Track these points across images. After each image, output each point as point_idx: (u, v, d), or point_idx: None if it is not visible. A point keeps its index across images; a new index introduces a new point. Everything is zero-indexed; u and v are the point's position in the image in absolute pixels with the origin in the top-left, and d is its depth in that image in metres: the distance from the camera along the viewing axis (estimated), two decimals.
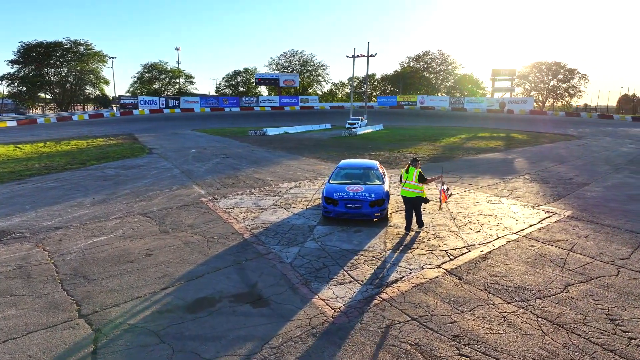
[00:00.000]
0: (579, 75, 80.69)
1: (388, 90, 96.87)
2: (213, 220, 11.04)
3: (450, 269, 7.79)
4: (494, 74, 78.27)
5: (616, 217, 11.33)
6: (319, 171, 19.09)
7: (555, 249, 8.82)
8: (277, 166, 20.82)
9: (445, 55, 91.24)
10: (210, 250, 8.75)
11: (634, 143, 33.52)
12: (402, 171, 9.90)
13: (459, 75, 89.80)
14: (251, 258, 8.31)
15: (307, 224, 10.68)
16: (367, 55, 58.30)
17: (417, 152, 26.53)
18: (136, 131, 43.14)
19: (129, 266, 7.92)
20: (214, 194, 14.19)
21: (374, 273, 7.59)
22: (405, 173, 9.78)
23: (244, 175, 18.03)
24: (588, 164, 21.70)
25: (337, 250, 8.73)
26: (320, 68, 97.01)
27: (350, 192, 10.67)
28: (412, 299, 6.61)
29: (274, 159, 23.67)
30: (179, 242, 9.27)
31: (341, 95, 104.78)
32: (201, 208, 12.40)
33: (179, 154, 25.16)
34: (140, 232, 10.08)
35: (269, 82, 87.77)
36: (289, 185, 15.80)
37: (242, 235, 9.80)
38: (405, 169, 9.82)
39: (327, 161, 22.31)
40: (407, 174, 9.71)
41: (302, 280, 7.26)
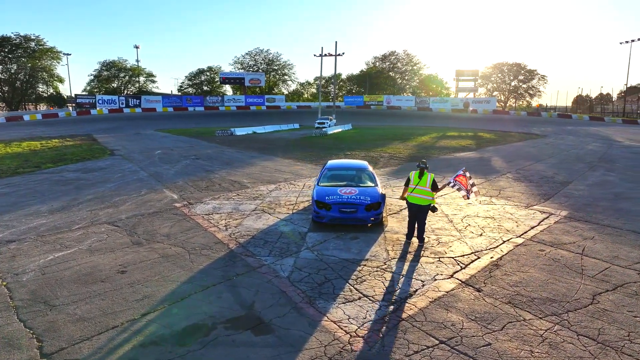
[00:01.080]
0: (538, 76, 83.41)
1: (354, 90, 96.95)
2: (191, 229, 9.96)
3: (464, 279, 7.10)
4: (458, 74, 79.58)
5: (612, 216, 11.04)
6: (296, 172, 18.19)
7: (566, 252, 8.31)
8: (251, 167, 19.77)
9: (410, 55, 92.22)
10: (194, 265, 7.71)
11: (597, 141, 34.39)
12: (413, 175, 8.82)
13: (424, 76, 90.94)
14: (242, 273, 7.34)
15: (297, 230, 9.78)
16: (335, 54, 57.85)
17: (392, 152, 26.09)
18: (95, 132, 40.76)
19: (99, 287, 6.78)
20: (188, 199, 13.04)
21: (383, 287, 6.80)
22: (417, 178, 8.73)
23: (217, 177, 16.90)
24: (563, 162, 21.81)
25: (337, 261, 7.88)
26: (287, 67, 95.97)
27: (343, 195, 9.85)
28: (433, 316, 5.86)
29: (247, 159, 22.58)
30: (155, 256, 8.17)
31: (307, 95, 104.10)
32: (176, 215, 11.26)
33: (144, 156, 23.62)
34: (109, 244, 8.88)
35: (234, 81, 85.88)
36: (269, 187, 14.83)
37: (227, 245, 8.80)
38: (419, 173, 8.74)
39: (303, 162, 21.44)
40: (419, 179, 8.69)
41: (305, 298, 6.37)
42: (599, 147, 30.28)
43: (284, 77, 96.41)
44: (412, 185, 8.71)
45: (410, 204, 8.78)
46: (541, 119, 65.67)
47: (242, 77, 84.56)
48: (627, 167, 20.17)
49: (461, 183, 8.96)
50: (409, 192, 8.75)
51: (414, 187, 8.69)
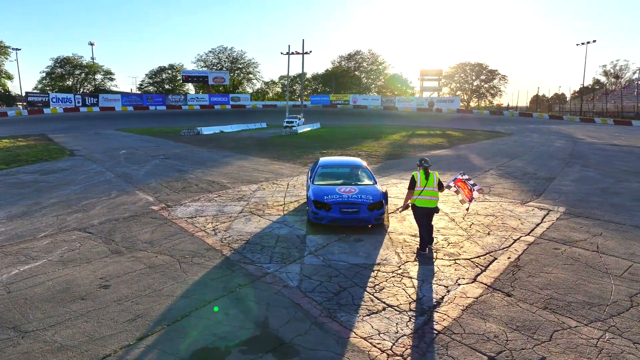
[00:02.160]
0: (499, 76, 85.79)
1: (319, 90, 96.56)
2: (176, 234, 8.99)
3: (489, 282, 6.57)
4: (422, 74, 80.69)
5: (610, 212, 10.89)
6: (276, 172, 17.36)
7: (582, 250, 7.96)
8: (227, 167, 18.77)
9: (375, 55, 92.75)
10: (187, 275, 6.80)
11: (561, 139, 35.27)
12: (418, 175, 7.88)
13: (389, 75, 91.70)
14: (245, 283, 6.51)
15: (295, 233, 9.01)
16: (303, 52, 57.24)
17: (369, 150, 25.69)
18: (50, 131, 38.26)
19: (80, 306, 5.79)
20: (166, 201, 11.99)
21: (406, 294, 6.15)
22: (423, 178, 7.83)
23: (193, 177, 15.83)
24: (538, 159, 22.00)
25: (347, 266, 7.18)
26: (251, 66, 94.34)
27: (343, 194, 9.16)
28: (471, 327, 5.26)
29: (221, 159, 21.52)
30: (141, 266, 7.20)
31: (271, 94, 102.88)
32: (155, 218, 10.23)
33: (108, 156, 22.10)
34: (84, 254, 7.81)
35: (197, 80, 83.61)
36: (251, 187, 13.95)
37: (220, 251, 7.92)
38: (424, 173, 7.86)
39: (280, 161, 20.62)
40: (426, 179, 7.82)
41: (324, 312, 5.63)
42: (565, 144, 30.99)
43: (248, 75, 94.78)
44: (420, 187, 7.83)
45: (419, 207, 7.86)
46: (503, 117, 67.39)
47: (206, 76, 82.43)
48: (599, 163, 20.52)
49: (460, 188, 8.44)
50: (417, 195, 7.85)
51: (421, 189, 7.83)
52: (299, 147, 26.73)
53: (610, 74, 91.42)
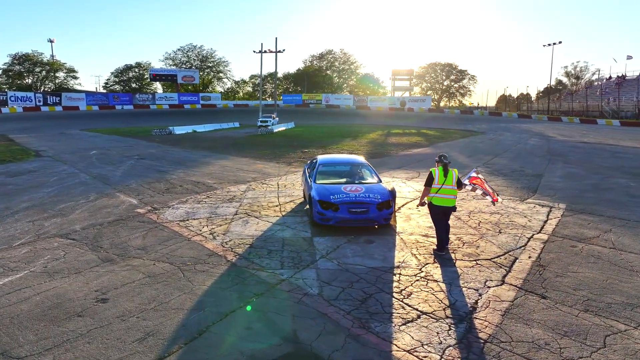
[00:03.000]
0: (468, 76, 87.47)
1: (291, 89, 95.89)
2: (170, 239, 8.29)
3: (519, 284, 6.24)
4: (394, 74, 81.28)
5: (610, 207, 10.86)
6: (262, 171, 16.73)
7: (600, 248, 7.78)
8: (208, 167, 17.99)
9: (347, 54, 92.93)
10: (194, 285, 6.16)
11: (534, 137, 35.94)
12: (436, 171, 7.50)
13: (361, 75, 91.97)
14: (261, 292, 5.93)
15: (300, 235, 8.47)
16: (276, 50, 56.57)
17: (349, 149, 25.37)
18: (9, 131, 36.13)
19: (78, 324, 5.07)
20: (151, 203, 11.20)
21: (437, 300, 5.73)
22: (442, 175, 7.44)
23: (175, 178, 15.01)
24: (520, 156, 22.18)
25: (365, 270, 6.71)
26: (222, 64, 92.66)
27: (350, 193, 8.68)
28: (517, 334, 4.88)
29: (200, 159, 20.68)
30: (139, 275, 6.50)
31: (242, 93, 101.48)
32: (143, 222, 9.47)
33: (78, 157, 20.86)
34: (71, 263, 7.03)
35: (165, 78, 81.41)
36: (240, 188, 13.29)
37: (224, 257, 7.29)
38: (443, 171, 7.48)
39: (263, 160, 19.99)
40: (444, 177, 7.43)
41: (355, 322, 5.13)
42: (539, 142, 31.56)
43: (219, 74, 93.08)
44: (437, 184, 7.45)
45: (436, 206, 7.49)
46: (474, 117, 68.62)
47: (175, 74, 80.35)
48: (579, 160, 20.85)
49: (478, 184, 8.11)
50: (434, 193, 7.47)
51: (439, 186, 7.44)
52: (278, 147, 26.13)
53: (571, 74, 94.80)
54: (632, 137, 35.08)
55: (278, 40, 73.01)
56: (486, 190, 8.04)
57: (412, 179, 14.83)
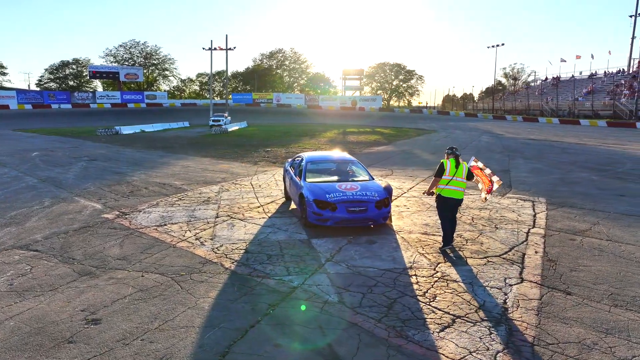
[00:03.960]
0: (416, 76, 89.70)
1: (240, 88, 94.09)
2: (152, 246, 7.47)
3: (538, 281, 6.08)
4: (345, 73, 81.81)
5: (586, 200, 11.16)
6: (228, 171, 15.96)
7: (597, 240, 7.85)
8: (170, 167, 16.94)
9: (297, 53, 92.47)
10: (197, 298, 5.47)
11: (484, 135, 37.21)
12: (447, 163, 7.29)
13: (311, 74, 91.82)
14: (276, 302, 5.35)
15: (295, 238, 7.92)
16: (226, 48, 55.32)
17: (312, 147, 24.96)
18: None
19: (72, 352, 4.27)
20: (118, 208, 10.21)
21: (465, 302, 5.42)
22: (453, 167, 7.25)
23: (137, 180, 13.93)
24: (480, 153, 22.72)
25: (379, 273, 6.30)
26: (167, 62, 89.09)
27: (347, 192, 8.24)
28: (561, 335, 4.66)
29: (158, 159, 19.50)
30: (129, 290, 5.70)
31: (189, 92, 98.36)
32: (115, 229, 8.54)
33: (19, 159, 19.01)
34: (41, 279, 6.09)
35: (106, 76, 77.10)
36: (212, 189, 12.50)
37: (220, 264, 6.62)
38: (455, 162, 7.29)
39: (227, 160, 19.17)
40: (455, 169, 7.24)
41: (391, 331, 4.70)
42: (492, 139, 32.68)
43: (164, 72, 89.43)
44: (448, 176, 7.23)
45: (445, 198, 7.27)
46: (423, 115, 70.42)
47: (117, 72, 76.33)
48: (536, 156, 21.67)
49: (478, 176, 7.93)
50: (444, 185, 7.25)
51: (450, 178, 7.22)
52: (238, 146, 25.28)
53: (509, 75, 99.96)
54: (572, 134, 37.22)
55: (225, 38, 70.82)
56: (483, 181, 7.84)
57: (387, 176, 14.63)
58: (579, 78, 65.65)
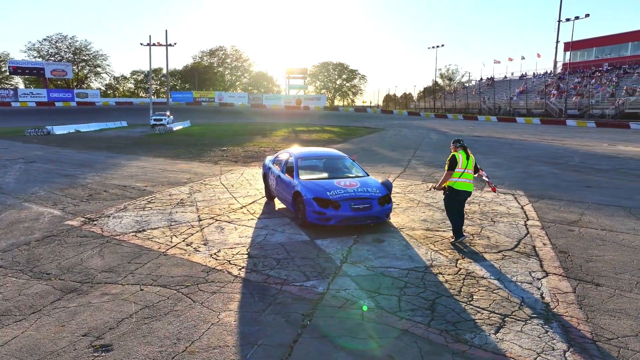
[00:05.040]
0: (359, 75, 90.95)
1: (178, 86, 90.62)
2: (139, 255, 6.62)
3: (562, 273, 6.01)
4: (288, 72, 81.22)
5: (559, 192, 11.50)
6: (190, 171, 15.00)
7: (593, 230, 8.01)
8: (124, 168, 15.64)
9: (239, 51, 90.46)
10: (217, 312, 4.80)
11: (432, 132, 38.24)
12: (459, 156, 7.08)
13: (254, 73, 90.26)
14: (309, 312, 4.80)
15: (296, 239, 7.38)
16: (166, 44, 53.03)
17: (268, 146, 24.32)
18: None
19: None
20: (81, 213, 9.10)
21: (504, 299, 5.19)
22: (465, 159, 7.06)
23: (92, 182, 12.65)
24: (436, 150, 23.15)
25: (402, 273, 5.94)
26: (99, 58, 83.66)
27: (347, 188, 7.81)
28: (616, 329, 4.53)
29: (106, 160, 17.99)
30: (133, 307, 4.90)
31: (123, 90, 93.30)
32: (86, 237, 7.53)
33: None
34: (16, 299, 5.11)
35: (29, 72, 71.15)
36: (181, 190, 11.59)
37: (227, 272, 5.95)
38: (466, 155, 7.11)
39: (183, 160, 18.12)
40: (467, 160, 7.07)
41: (447, 336, 4.34)
42: (440, 136, 33.62)
43: (96, 69, 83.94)
44: (461, 168, 7.05)
45: (457, 191, 7.11)
46: (368, 114, 71.37)
47: (41, 67, 70.62)
48: (489, 151, 22.42)
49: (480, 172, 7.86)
50: (457, 178, 7.07)
51: (462, 170, 7.05)
52: (189, 146, 24.05)
53: (444, 76, 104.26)
54: (512, 131, 39.20)
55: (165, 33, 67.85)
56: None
57: None
58: (510, 79, 69.69)
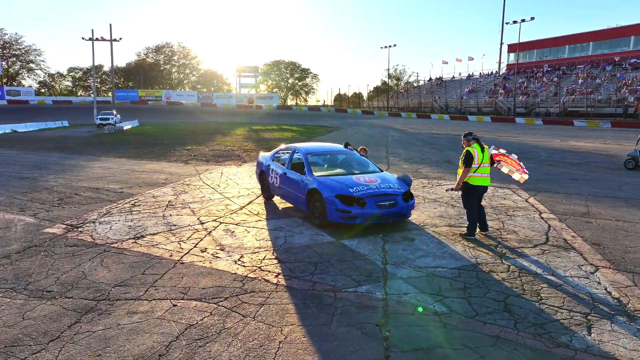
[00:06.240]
0: (311, 74, 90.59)
1: (121, 84, 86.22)
2: (149, 265, 5.79)
3: (608, 265, 5.89)
4: (239, 70, 79.51)
5: (553, 185, 11.68)
6: (163, 171, 14.00)
7: (611, 222, 8.05)
8: (87, 170, 14.31)
9: (186, 48, 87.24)
10: (278, 328, 4.16)
11: (389, 130, 38.67)
12: (474, 150, 6.82)
13: (203, 71, 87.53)
14: (381, 322, 4.28)
15: (322, 240, 6.81)
16: (111, 39, 50.10)
17: (232, 146, 23.47)
18: None
19: None
20: (59, 220, 8.03)
21: (571, 295, 4.94)
22: (480, 153, 6.82)
23: (57, 185, 11.38)
24: (405, 147, 23.35)
25: (453, 272, 5.58)
26: (32, 53, 77.66)
27: (370, 184, 7.32)
28: None
29: (63, 162, 16.44)
30: (175, 327, 4.15)
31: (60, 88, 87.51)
32: (77, 246, 6.56)
33: None
34: (19, 324, 4.20)
35: None
36: (164, 191, 10.67)
37: (264, 280, 5.29)
38: (480, 148, 6.87)
39: (148, 160, 17.01)
40: (482, 154, 6.84)
41: (543, 340, 3.98)
42: (400, 134, 33.97)
43: (29, 65, 77.85)
44: (477, 163, 6.81)
45: (474, 187, 6.89)
46: (322, 113, 71.24)
47: None
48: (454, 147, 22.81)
49: (505, 162, 7.66)
50: (473, 173, 6.84)
51: (478, 165, 6.82)
52: (148, 146, 22.67)
53: (392, 76, 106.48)
54: (468, 129, 40.37)
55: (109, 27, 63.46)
56: (513, 166, 7.58)
57: None
58: (458, 79, 72.20)
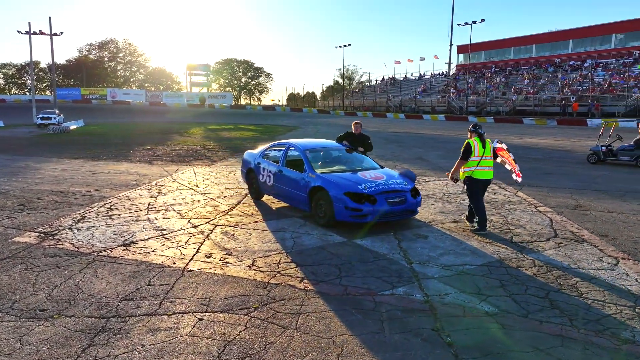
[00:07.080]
0: (265, 73, 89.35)
1: (61, 82, 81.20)
2: (152, 274, 5.17)
3: (626, 257, 5.91)
4: (189, 68, 77.14)
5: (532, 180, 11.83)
6: (129, 172, 13.12)
7: (605, 214, 8.19)
8: (43, 172, 13.11)
9: (132, 45, 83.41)
10: (327, 339, 3.74)
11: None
12: (474, 143, 6.79)
13: (151, 69, 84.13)
14: (436, 327, 3.96)
15: (333, 241, 6.42)
16: (51, 33, 47.02)
17: (195, 145, 22.54)
18: None
19: None
20: (28, 227, 7.15)
21: (606, 289, 4.86)
22: (480, 146, 6.78)
23: (13, 189, 10.29)
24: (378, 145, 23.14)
25: (482, 270, 5.39)
26: None
27: (378, 181, 7.01)
28: None
29: (11, 164, 15.02)
30: (208, 344, 3.63)
31: None
32: (59, 256, 5.81)
33: None
34: (20, 351, 3.53)
35: None
36: (139, 193, 9.90)
37: (287, 285, 4.84)
38: (481, 141, 6.83)
39: (107, 160, 15.99)
40: (483, 148, 6.80)
41: (611, 339, 3.82)
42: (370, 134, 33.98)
43: None
44: (477, 156, 6.77)
45: (478, 180, 6.86)
46: (277, 113, 70.38)
47: None
48: (422, 144, 23.20)
49: (504, 157, 7.60)
50: (475, 166, 6.80)
51: (479, 158, 6.78)
52: (102, 146, 21.26)
53: (344, 76, 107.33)
54: (425, 127, 41.27)
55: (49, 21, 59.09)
56: (511, 162, 7.54)
57: None
58: (410, 79, 73.72)
